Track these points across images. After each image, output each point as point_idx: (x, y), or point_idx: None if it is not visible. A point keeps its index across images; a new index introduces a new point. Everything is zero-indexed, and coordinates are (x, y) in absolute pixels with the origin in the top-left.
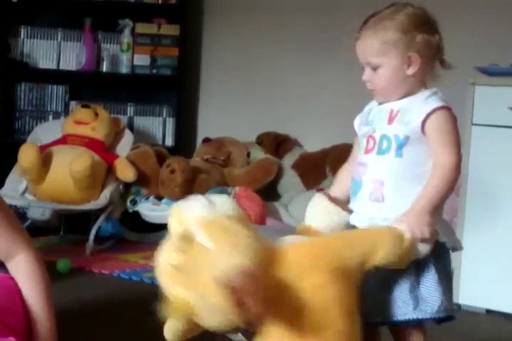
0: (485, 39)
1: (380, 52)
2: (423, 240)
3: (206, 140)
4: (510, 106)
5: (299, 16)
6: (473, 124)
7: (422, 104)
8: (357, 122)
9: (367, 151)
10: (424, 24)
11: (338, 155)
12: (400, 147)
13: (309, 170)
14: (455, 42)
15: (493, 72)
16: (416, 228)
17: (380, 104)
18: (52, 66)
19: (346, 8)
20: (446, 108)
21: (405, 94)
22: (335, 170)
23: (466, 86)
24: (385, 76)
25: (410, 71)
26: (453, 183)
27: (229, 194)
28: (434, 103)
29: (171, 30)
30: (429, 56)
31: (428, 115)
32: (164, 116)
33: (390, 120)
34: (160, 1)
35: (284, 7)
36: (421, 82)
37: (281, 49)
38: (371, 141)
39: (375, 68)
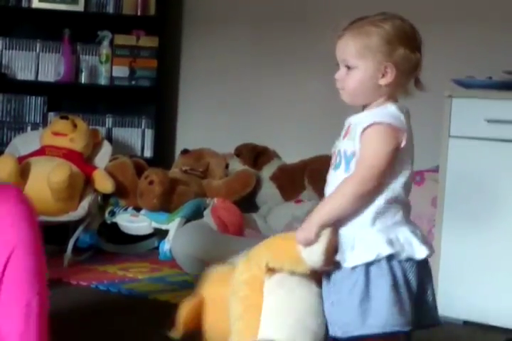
0: (461, 52)
1: (358, 54)
2: (310, 250)
3: (185, 151)
4: (486, 119)
5: (277, 28)
6: (450, 136)
7: (367, 118)
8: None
9: (331, 167)
10: (408, 39)
11: (317, 167)
12: (348, 162)
13: (288, 181)
14: (432, 55)
15: (469, 85)
16: (300, 235)
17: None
18: (31, 77)
19: (323, 19)
20: (385, 124)
21: (371, 103)
22: (313, 181)
23: (443, 98)
24: (357, 78)
25: (383, 81)
26: (357, 196)
27: (207, 205)
28: (375, 117)
29: (149, 41)
30: (405, 71)
31: (364, 129)
32: (143, 127)
33: (344, 135)
34: (139, 13)
35: (263, 19)
36: (390, 95)
37: (260, 60)
38: (333, 157)
39: (350, 68)
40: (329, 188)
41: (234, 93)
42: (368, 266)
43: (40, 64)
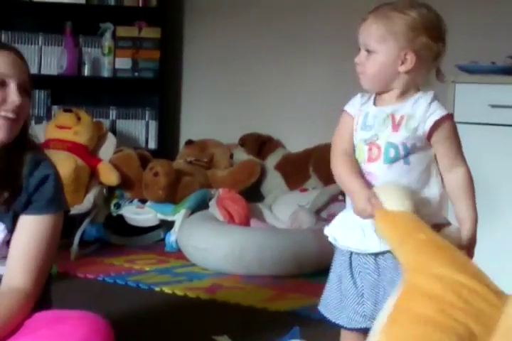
0: (465, 37)
1: (381, 38)
2: None
3: (189, 142)
4: (490, 104)
5: (279, 16)
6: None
7: (426, 110)
8: (356, 106)
9: (371, 160)
10: (432, 29)
11: (321, 156)
12: (407, 154)
13: (292, 170)
14: None
15: (473, 70)
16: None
17: (375, 104)
18: (34, 71)
19: (324, 7)
20: (451, 115)
21: (388, 90)
22: (318, 170)
23: (447, 84)
24: (377, 63)
25: (402, 68)
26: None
27: (212, 196)
28: (440, 110)
29: (151, 32)
30: (426, 60)
31: (436, 123)
32: (147, 119)
33: (395, 126)
34: (140, 4)
35: (264, 7)
36: (413, 83)
37: (263, 50)
38: (375, 149)
39: (370, 52)
40: (379, 181)
41: (237, 83)
42: None
43: (42, 57)
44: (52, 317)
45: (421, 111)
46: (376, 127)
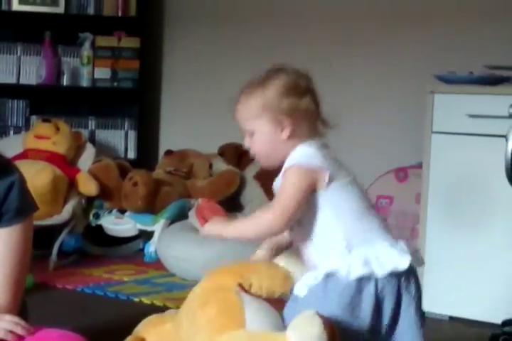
0: (442, 47)
1: (252, 117)
2: None
3: (168, 152)
4: (469, 114)
5: (258, 28)
6: (433, 132)
7: (283, 171)
8: None
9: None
10: (293, 89)
11: None
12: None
13: (272, 180)
14: (413, 51)
15: (451, 80)
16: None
17: None
18: (12, 80)
19: (303, 23)
20: (297, 165)
21: (286, 156)
22: None
23: (425, 94)
24: (260, 141)
25: (284, 135)
26: (265, 231)
27: (192, 206)
28: (288, 163)
29: (131, 42)
30: (300, 119)
31: (283, 176)
32: (126, 129)
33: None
34: (120, 14)
35: (245, 19)
36: (299, 143)
37: (243, 60)
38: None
39: (251, 134)
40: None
41: (216, 93)
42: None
43: (21, 67)
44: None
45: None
46: None
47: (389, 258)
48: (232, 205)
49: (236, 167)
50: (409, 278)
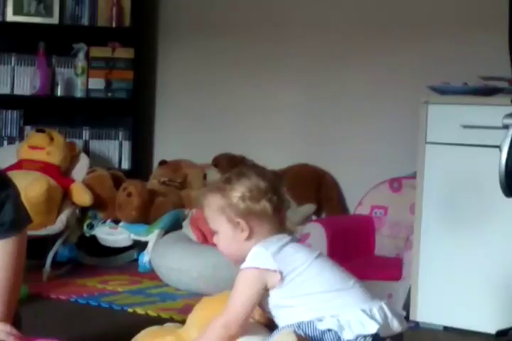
0: (436, 58)
1: (212, 219)
2: None
3: (162, 162)
4: (462, 124)
5: (252, 39)
6: (427, 143)
7: None
8: None
9: None
10: (251, 194)
11: (294, 176)
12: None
13: None
14: (407, 62)
15: (445, 91)
16: None
17: None
18: (6, 91)
19: (296, 29)
20: (247, 268)
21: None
22: (291, 190)
23: (419, 105)
24: (222, 241)
25: (243, 235)
26: (218, 338)
27: (186, 216)
28: (243, 264)
29: (125, 53)
30: (257, 220)
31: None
32: (120, 139)
33: None
34: (114, 25)
35: (239, 30)
36: (258, 243)
37: (235, 71)
38: None
39: (216, 233)
40: None
41: (210, 103)
42: None
43: (15, 77)
44: None
45: None
46: None
47: (358, 322)
48: None
49: None
50: None
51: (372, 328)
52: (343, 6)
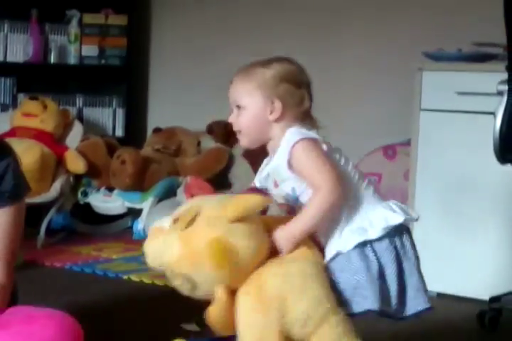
0: (430, 24)
1: (247, 93)
2: None
3: (156, 130)
4: (457, 91)
5: (248, 4)
6: (421, 110)
7: (282, 151)
8: None
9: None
10: (293, 77)
11: None
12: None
13: (260, 158)
14: (401, 28)
15: (439, 57)
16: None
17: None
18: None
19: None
20: (301, 139)
21: (267, 142)
22: None
23: (413, 71)
24: (248, 117)
25: (272, 116)
26: (328, 207)
27: (180, 184)
28: (289, 143)
29: (118, 20)
30: (290, 106)
31: (289, 156)
32: (114, 106)
33: (276, 185)
34: None
35: None
36: (283, 132)
37: (231, 38)
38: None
39: (240, 109)
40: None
41: (205, 70)
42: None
43: (8, 45)
44: (23, 316)
45: (281, 156)
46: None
47: (381, 218)
48: (220, 183)
49: (224, 144)
50: (402, 237)
51: (398, 218)
52: None
